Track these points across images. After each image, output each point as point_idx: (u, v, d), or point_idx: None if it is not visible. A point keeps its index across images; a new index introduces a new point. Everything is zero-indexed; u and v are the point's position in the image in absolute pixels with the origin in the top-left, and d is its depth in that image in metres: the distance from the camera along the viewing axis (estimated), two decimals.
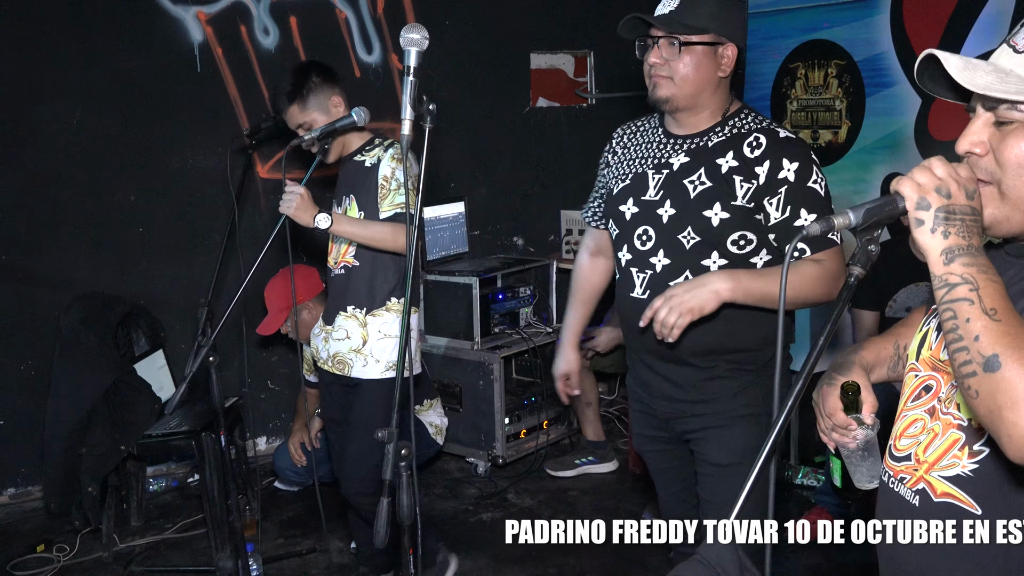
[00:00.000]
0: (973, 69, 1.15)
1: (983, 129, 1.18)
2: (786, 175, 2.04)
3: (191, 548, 3.59)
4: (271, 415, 4.57)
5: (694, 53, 2.08)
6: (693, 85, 2.09)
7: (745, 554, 1.16)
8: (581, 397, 4.21)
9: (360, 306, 2.88)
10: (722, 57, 2.10)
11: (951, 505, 1.23)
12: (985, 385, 1.04)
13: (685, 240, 2.11)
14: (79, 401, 3.53)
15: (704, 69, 2.09)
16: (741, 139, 2.11)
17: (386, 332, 2.88)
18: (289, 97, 2.83)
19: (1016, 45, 1.16)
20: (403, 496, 1.81)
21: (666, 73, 2.10)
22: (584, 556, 3.36)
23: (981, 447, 1.20)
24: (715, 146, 2.13)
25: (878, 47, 4.02)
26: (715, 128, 2.15)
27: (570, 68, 5.23)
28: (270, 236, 2.53)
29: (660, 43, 2.10)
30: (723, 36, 2.09)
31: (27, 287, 3.97)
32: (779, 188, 2.05)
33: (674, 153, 2.18)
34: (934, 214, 1.11)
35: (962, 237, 1.11)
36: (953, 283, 1.09)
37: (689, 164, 2.14)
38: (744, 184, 2.07)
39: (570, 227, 4.81)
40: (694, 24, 2.06)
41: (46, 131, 3.94)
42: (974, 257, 1.10)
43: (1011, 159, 1.15)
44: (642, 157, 2.25)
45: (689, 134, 2.18)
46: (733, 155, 2.10)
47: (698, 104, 2.13)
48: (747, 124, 2.13)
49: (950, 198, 1.12)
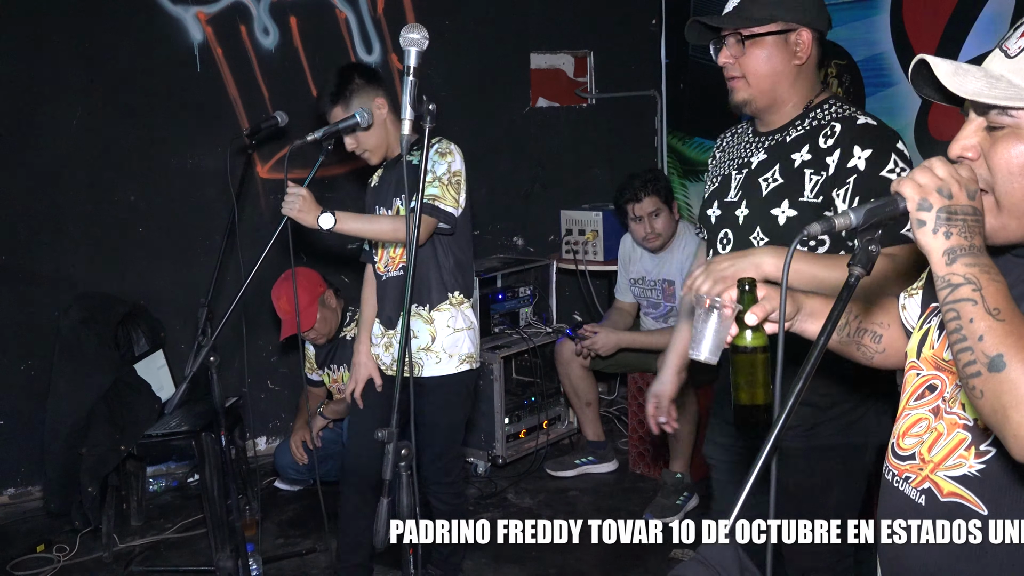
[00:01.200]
0: (964, 74, 1.14)
1: (974, 134, 1.18)
2: (856, 163, 1.88)
3: (191, 548, 3.59)
4: (271, 415, 4.57)
5: (762, 45, 1.95)
6: (767, 80, 1.97)
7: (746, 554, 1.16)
8: (581, 396, 4.22)
9: (423, 304, 2.86)
10: (795, 44, 1.97)
11: (958, 505, 1.23)
12: (990, 385, 1.04)
13: (755, 242, 2.00)
14: (79, 401, 3.53)
15: (776, 60, 1.96)
16: (819, 131, 1.97)
17: (454, 326, 2.87)
18: (332, 99, 2.81)
19: (1008, 50, 1.15)
20: (403, 496, 1.81)
21: (738, 73, 1.99)
22: (584, 556, 3.36)
23: (988, 447, 1.20)
24: (792, 140, 2.01)
25: (878, 47, 4.02)
26: (795, 122, 2.02)
27: (570, 68, 5.23)
28: (271, 236, 2.54)
29: (727, 41, 1.98)
30: (792, 21, 1.95)
31: (27, 287, 3.97)
32: (848, 178, 1.89)
33: (756, 151, 2.08)
34: (936, 215, 1.11)
35: (964, 237, 1.10)
36: (956, 283, 1.09)
37: (765, 161, 2.04)
38: (813, 177, 1.93)
39: (570, 227, 4.81)
40: (758, 15, 1.94)
41: (46, 131, 3.94)
42: (976, 257, 1.10)
43: (1001, 165, 1.15)
44: (731, 159, 2.17)
45: (771, 130, 2.07)
46: (808, 148, 1.97)
47: (777, 99, 2.01)
48: (828, 115, 1.99)
49: (951, 198, 1.11)
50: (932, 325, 1.34)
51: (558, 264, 4.69)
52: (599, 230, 4.66)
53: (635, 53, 5.32)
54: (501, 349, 4.22)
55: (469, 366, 2.91)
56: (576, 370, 4.17)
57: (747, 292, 1.42)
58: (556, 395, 4.45)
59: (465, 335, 2.89)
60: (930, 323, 1.35)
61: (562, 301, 4.91)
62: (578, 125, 5.26)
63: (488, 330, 4.29)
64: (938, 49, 3.82)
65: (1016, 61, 1.14)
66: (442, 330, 2.86)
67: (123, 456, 3.56)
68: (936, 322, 1.33)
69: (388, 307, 2.95)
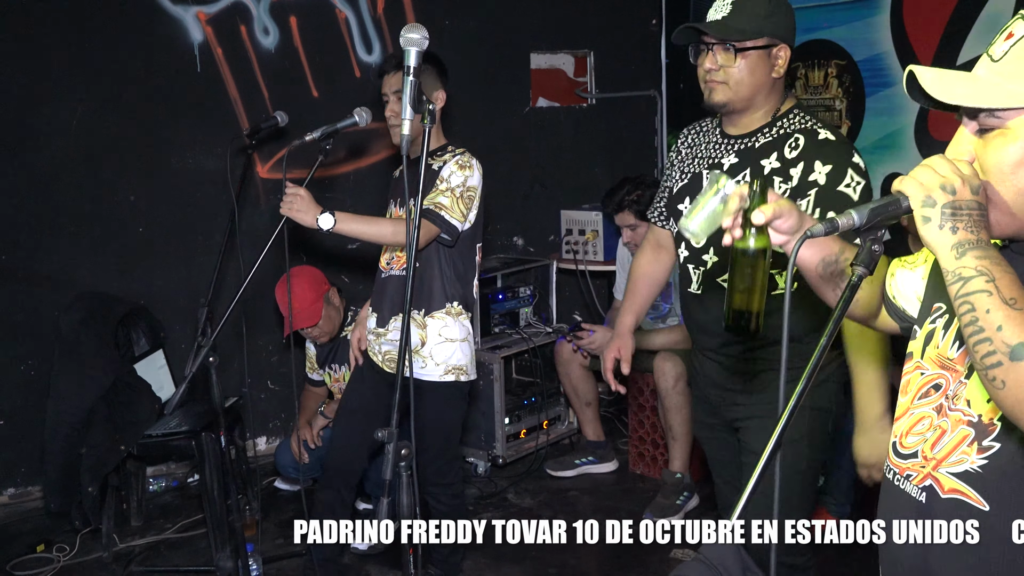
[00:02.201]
0: (949, 82, 1.17)
1: (968, 138, 1.21)
2: (816, 177, 2.06)
3: (191, 548, 3.59)
4: (271, 415, 4.57)
5: (749, 58, 2.10)
6: (749, 88, 2.12)
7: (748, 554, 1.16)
8: (581, 396, 4.23)
9: (419, 308, 2.84)
10: (776, 59, 2.13)
11: (959, 501, 1.23)
12: (1012, 374, 1.04)
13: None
14: (79, 401, 3.53)
15: (759, 72, 2.11)
16: (784, 140, 2.14)
17: (447, 336, 2.85)
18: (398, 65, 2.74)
19: (993, 55, 1.18)
20: (403, 496, 1.81)
21: (721, 79, 2.12)
22: (584, 556, 3.36)
23: (991, 443, 1.20)
24: (761, 147, 2.16)
25: (878, 47, 4.03)
26: (764, 128, 2.18)
27: (570, 68, 5.23)
28: (270, 236, 2.54)
29: (715, 49, 2.12)
30: (776, 38, 2.11)
31: (27, 287, 3.97)
32: (809, 190, 2.06)
33: (726, 153, 2.23)
34: (940, 210, 1.12)
35: (971, 231, 1.11)
36: (967, 276, 1.09)
37: (737, 164, 2.18)
38: (782, 185, 2.09)
39: (570, 227, 4.81)
40: (747, 28, 2.08)
41: (46, 131, 3.94)
42: (985, 250, 1.10)
43: (992, 165, 1.17)
44: (699, 157, 2.31)
45: (740, 134, 2.21)
46: (776, 156, 2.13)
47: (753, 106, 2.17)
48: (792, 124, 2.16)
49: (955, 194, 1.12)
50: (937, 325, 1.34)
51: (558, 264, 4.69)
52: (599, 230, 4.66)
53: (635, 53, 5.32)
54: (501, 349, 4.22)
55: (455, 377, 2.88)
56: (576, 370, 4.17)
57: (757, 193, 1.38)
58: (556, 395, 4.45)
59: (458, 347, 2.87)
60: (935, 323, 1.35)
61: (562, 301, 4.91)
62: (578, 125, 5.26)
63: (488, 330, 4.29)
64: (938, 49, 3.82)
65: (1000, 64, 1.16)
66: (432, 336, 2.85)
67: (123, 456, 3.55)
68: (941, 323, 1.33)
69: (385, 304, 2.93)
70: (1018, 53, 1.15)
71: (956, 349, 1.29)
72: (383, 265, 2.94)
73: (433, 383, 2.85)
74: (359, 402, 3.01)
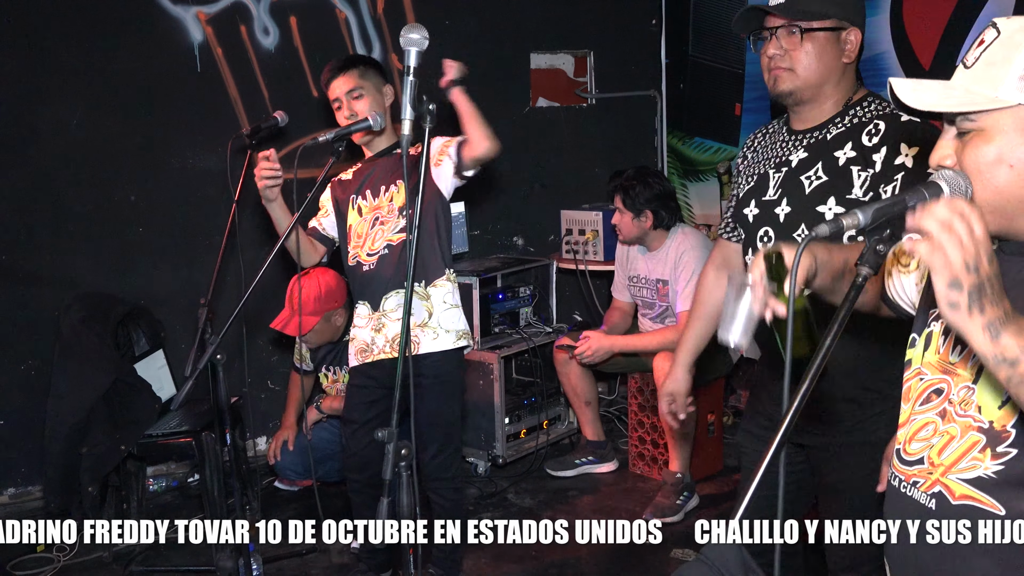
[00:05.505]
0: (923, 90, 1.23)
1: (949, 143, 1.25)
2: (904, 160, 1.90)
3: (191, 548, 3.59)
4: (271, 415, 4.56)
5: (816, 41, 1.96)
6: (817, 75, 1.98)
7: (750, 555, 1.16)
8: (580, 396, 4.22)
9: (418, 279, 2.85)
10: (845, 43, 1.99)
11: (971, 507, 1.24)
12: None
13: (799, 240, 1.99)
14: (79, 401, 3.53)
15: (828, 57, 1.97)
16: (861, 128, 1.98)
17: (450, 302, 2.89)
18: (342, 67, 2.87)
19: (967, 62, 1.23)
20: (403, 496, 1.81)
21: (787, 65, 1.98)
22: (584, 556, 3.36)
23: (1007, 448, 1.21)
24: (834, 138, 2.01)
25: (878, 47, 4.02)
26: (835, 119, 2.03)
27: (570, 68, 5.23)
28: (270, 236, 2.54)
29: (779, 33, 1.97)
30: (845, 20, 1.97)
31: (27, 287, 3.97)
32: (896, 175, 1.90)
33: (794, 150, 2.08)
34: (968, 295, 1.06)
35: (996, 305, 1.07)
36: (1011, 358, 1.06)
37: (807, 159, 2.04)
38: (861, 174, 1.93)
39: (570, 227, 4.81)
40: (814, 10, 1.95)
41: (46, 131, 3.94)
42: (1015, 321, 1.07)
43: (970, 166, 1.21)
44: (767, 158, 2.17)
45: (808, 128, 2.07)
46: (852, 146, 1.97)
47: (821, 94, 2.02)
48: (868, 112, 2.00)
49: (979, 272, 1.06)
50: (935, 329, 1.34)
51: (558, 264, 4.69)
52: (599, 230, 4.66)
53: (635, 53, 5.32)
54: (501, 349, 4.22)
55: (465, 342, 2.93)
56: (575, 370, 4.17)
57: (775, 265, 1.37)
58: (556, 395, 4.45)
59: (459, 312, 2.92)
60: (931, 328, 1.35)
61: (562, 301, 4.91)
62: (578, 125, 5.26)
63: (488, 330, 4.29)
64: (938, 49, 3.82)
65: (972, 71, 1.21)
66: (439, 305, 2.86)
67: (123, 456, 3.55)
68: (938, 327, 1.34)
69: (372, 292, 2.91)
70: (988, 58, 1.19)
71: (958, 354, 1.29)
72: (363, 257, 2.92)
73: (447, 353, 2.86)
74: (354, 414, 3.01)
